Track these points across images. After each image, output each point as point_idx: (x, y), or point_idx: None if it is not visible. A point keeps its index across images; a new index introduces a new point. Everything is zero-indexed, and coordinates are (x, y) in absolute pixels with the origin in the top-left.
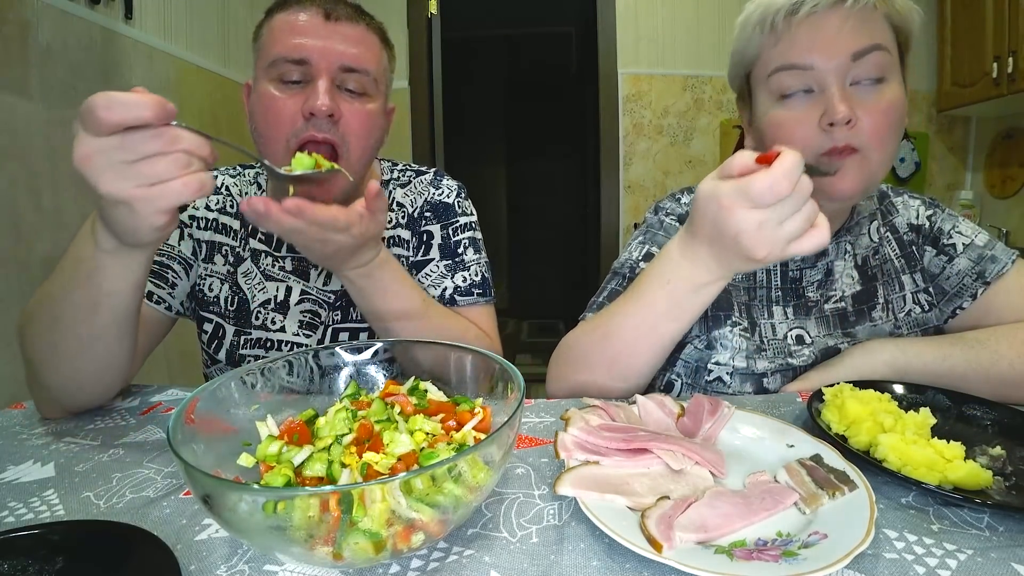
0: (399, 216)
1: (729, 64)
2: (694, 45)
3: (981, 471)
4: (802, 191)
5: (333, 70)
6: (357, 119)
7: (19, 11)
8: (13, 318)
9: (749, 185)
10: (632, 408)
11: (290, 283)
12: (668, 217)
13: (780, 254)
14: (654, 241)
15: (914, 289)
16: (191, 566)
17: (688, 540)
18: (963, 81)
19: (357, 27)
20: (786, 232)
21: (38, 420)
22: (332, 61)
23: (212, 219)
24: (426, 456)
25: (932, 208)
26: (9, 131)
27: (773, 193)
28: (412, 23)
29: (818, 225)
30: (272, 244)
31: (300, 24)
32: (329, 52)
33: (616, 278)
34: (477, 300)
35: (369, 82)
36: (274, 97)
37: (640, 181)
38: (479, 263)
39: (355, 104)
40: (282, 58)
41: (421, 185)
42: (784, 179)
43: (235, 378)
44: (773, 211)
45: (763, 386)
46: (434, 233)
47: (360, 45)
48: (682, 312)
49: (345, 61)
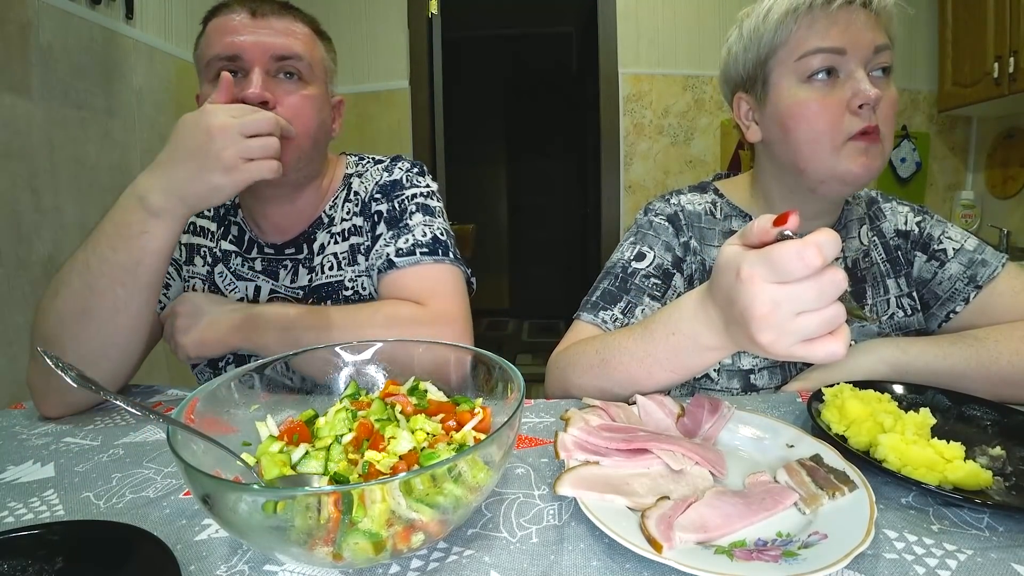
0: (354, 205)
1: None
2: (695, 45)
3: (981, 471)
4: (832, 284)
5: (265, 60)
6: (293, 103)
7: (20, 11)
8: (13, 318)
9: (773, 253)
10: (632, 408)
11: (259, 282)
12: (657, 217)
13: (786, 349)
14: (645, 241)
15: (898, 293)
16: (191, 566)
17: (688, 540)
18: (964, 81)
19: (283, 19)
20: (800, 326)
21: (38, 420)
22: (263, 51)
23: (192, 222)
24: (426, 456)
25: (921, 215)
26: (10, 131)
27: (803, 263)
28: (412, 23)
29: (837, 335)
30: (242, 246)
31: (230, 25)
32: (258, 44)
33: (608, 277)
34: (421, 259)
35: (304, 66)
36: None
37: (640, 181)
38: (429, 225)
39: (291, 87)
40: (216, 57)
41: (376, 172)
42: (815, 250)
43: (235, 378)
44: (792, 292)
45: (750, 382)
46: (383, 211)
47: (288, 35)
48: (680, 367)
49: (275, 50)
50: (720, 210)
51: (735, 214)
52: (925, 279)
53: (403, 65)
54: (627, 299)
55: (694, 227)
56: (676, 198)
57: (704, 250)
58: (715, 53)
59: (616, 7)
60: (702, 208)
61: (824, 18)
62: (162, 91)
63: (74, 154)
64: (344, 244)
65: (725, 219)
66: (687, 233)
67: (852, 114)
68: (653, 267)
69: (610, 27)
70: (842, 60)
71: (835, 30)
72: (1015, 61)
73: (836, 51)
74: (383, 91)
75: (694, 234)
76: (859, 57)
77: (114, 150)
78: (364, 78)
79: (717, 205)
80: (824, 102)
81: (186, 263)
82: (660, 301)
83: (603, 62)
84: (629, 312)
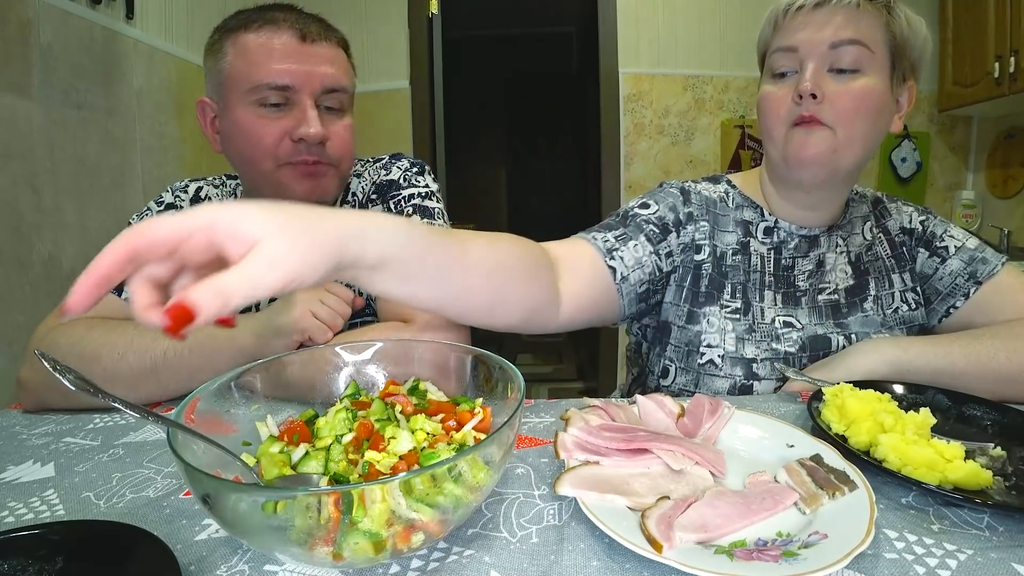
0: (351, 206)
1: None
2: (695, 45)
3: (981, 471)
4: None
5: (316, 93)
6: (340, 137)
7: (20, 11)
8: (13, 318)
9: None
10: (632, 408)
11: None
12: (670, 187)
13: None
14: (652, 197)
15: (902, 288)
16: (191, 566)
17: (688, 540)
18: (964, 81)
19: (330, 46)
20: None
21: (38, 420)
22: (316, 85)
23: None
24: (426, 456)
25: (925, 214)
26: (10, 131)
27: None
28: (412, 23)
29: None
30: None
31: (278, 48)
32: (312, 76)
33: (611, 216)
34: None
35: (347, 99)
36: (256, 122)
37: (641, 181)
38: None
39: (337, 123)
40: (265, 84)
41: (374, 171)
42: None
43: (235, 378)
44: None
45: (752, 371)
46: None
47: (336, 64)
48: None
49: (326, 83)
50: (732, 200)
51: (746, 204)
52: (927, 275)
53: (403, 65)
54: (624, 230)
55: (709, 212)
56: (690, 183)
57: (718, 236)
58: (715, 53)
59: (616, 7)
60: (716, 196)
61: (785, 23)
62: (162, 91)
63: (74, 154)
64: None
65: (737, 208)
66: (698, 210)
67: (796, 104)
68: (655, 216)
69: (610, 27)
70: (796, 57)
71: (791, 32)
72: (1015, 61)
73: (789, 49)
74: (383, 91)
75: (708, 219)
76: (811, 53)
77: (114, 150)
78: (364, 78)
79: (729, 195)
80: (777, 94)
81: None
82: (654, 246)
83: (603, 62)
84: (623, 240)
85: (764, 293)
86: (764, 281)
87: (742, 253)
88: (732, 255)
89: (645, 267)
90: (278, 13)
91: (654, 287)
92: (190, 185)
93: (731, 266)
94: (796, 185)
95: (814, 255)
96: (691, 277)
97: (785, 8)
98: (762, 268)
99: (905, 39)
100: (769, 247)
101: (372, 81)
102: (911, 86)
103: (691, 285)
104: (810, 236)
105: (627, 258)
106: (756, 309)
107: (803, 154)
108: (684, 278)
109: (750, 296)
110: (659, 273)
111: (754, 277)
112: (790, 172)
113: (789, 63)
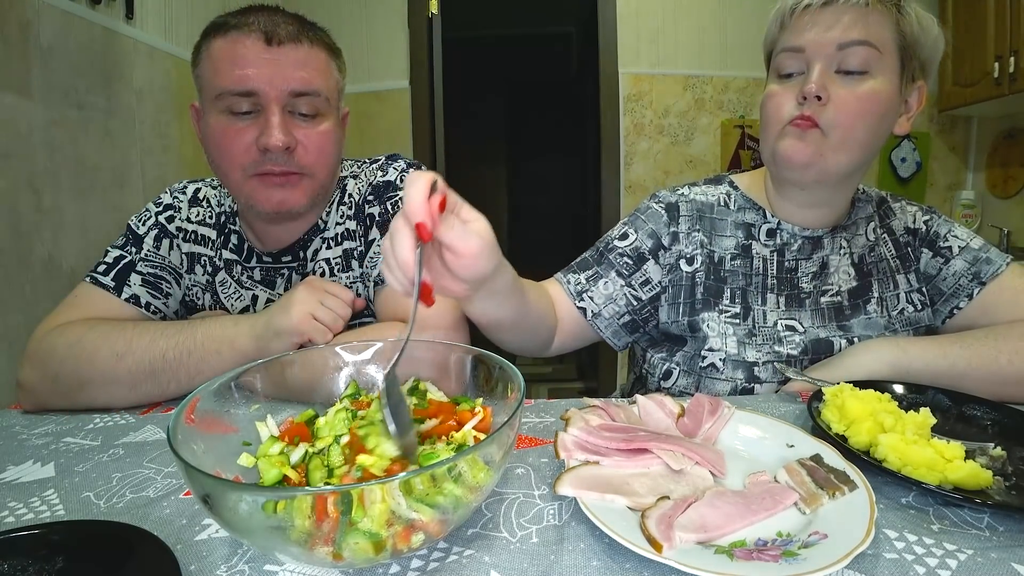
0: (348, 208)
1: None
2: (695, 45)
3: (981, 471)
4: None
5: (283, 98)
6: (313, 144)
7: (20, 11)
8: (13, 318)
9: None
10: (632, 408)
11: (256, 291)
12: (655, 204)
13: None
14: (633, 224)
15: (908, 289)
16: (191, 566)
17: (688, 540)
18: (964, 81)
19: (300, 47)
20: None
21: (38, 420)
22: (281, 89)
23: (192, 231)
24: (426, 456)
25: (929, 214)
26: (10, 131)
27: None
28: (412, 23)
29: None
30: (241, 255)
31: (241, 53)
32: (276, 80)
33: (592, 249)
34: None
35: (321, 102)
36: (225, 130)
37: (641, 181)
38: None
39: (308, 129)
40: (227, 91)
41: (370, 172)
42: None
43: (235, 378)
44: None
45: (754, 374)
46: (375, 214)
47: (307, 67)
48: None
49: (294, 86)
50: (734, 202)
51: (748, 206)
52: (930, 275)
53: (403, 65)
54: (596, 269)
55: (703, 219)
56: (685, 189)
57: (715, 241)
58: (715, 53)
59: (616, 7)
60: (715, 199)
61: (791, 22)
62: (162, 91)
63: (74, 154)
64: (338, 249)
65: (739, 211)
66: (687, 223)
67: (799, 104)
68: (630, 248)
69: (610, 27)
70: (802, 58)
71: (797, 32)
72: (1015, 61)
73: (796, 50)
74: (383, 91)
75: (702, 227)
76: (818, 54)
77: (114, 150)
78: (364, 78)
79: (731, 197)
80: (782, 94)
81: (187, 272)
82: (626, 279)
83: (603, 62)
84: (593, 280)
85: (766, 296)
86: (766, 284)
87: (743, 257)
88: (731, 259)
89: (618, 301)
90: (253, 16)
91: (639, 316)
92: (188, 186)
93: (730, 271)
94: (790, 184)
95: (818, 257)
96: (684, 291)
97: (792, 7)
98: (764, 271)
99: (915, 39)
100: (772, 249)
101: (372, 81)
102: (921, 86)
103: (686, 297)
104: (813, 237)
105: (596, 297)
106: (757, 313)
107: (788, 155)
108: (677, 295)
109: (750, 300)
110: (638, 303)
111: (755, 280)
112: (779, 171)
113: (796, 64)
